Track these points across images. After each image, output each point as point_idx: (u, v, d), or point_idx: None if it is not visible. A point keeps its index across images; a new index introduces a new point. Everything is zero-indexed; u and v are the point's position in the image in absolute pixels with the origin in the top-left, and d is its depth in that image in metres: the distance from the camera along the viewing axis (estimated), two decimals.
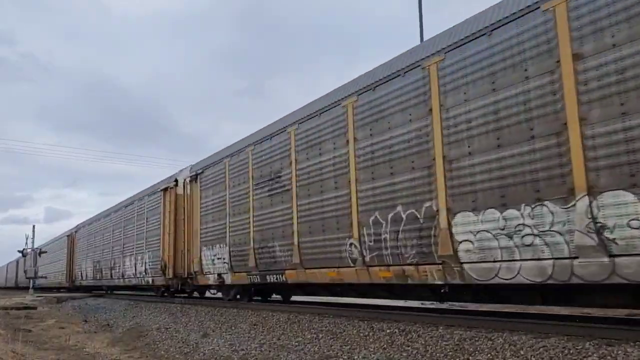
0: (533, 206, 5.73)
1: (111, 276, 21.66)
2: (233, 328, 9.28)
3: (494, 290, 6.98)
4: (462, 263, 6.49)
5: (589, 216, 5.20)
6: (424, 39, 12.57)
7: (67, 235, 30.97)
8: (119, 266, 20.52)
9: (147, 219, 17.73)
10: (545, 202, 5.61)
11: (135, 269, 18.59)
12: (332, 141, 8.84)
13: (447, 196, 6.70)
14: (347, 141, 8.50)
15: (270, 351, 7.21)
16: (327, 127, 9.02)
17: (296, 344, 7.32)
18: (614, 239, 5.01)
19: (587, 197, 5.23)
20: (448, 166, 6.71)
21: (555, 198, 5.53)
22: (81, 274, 27.16)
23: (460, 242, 6.51)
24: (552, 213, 5.55)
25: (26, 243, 43.55)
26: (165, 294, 17.56)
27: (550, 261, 5.56)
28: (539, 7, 5.85)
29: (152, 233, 17.10)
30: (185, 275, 14.54)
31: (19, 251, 41.82)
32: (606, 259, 5.07)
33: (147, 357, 8.13)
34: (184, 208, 14.75)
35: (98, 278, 23.84)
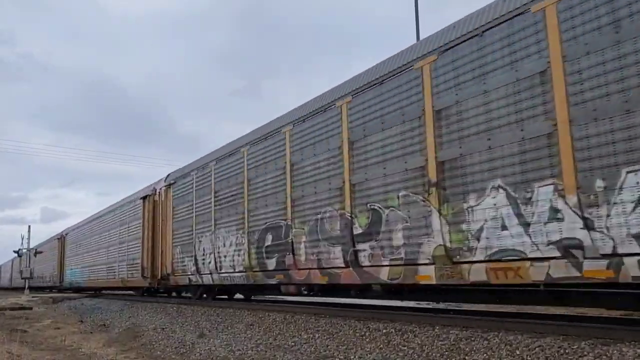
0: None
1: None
2: (229, 328, 9.27)
3: None
4: None
5: None
6: (420, 39, 12.61)
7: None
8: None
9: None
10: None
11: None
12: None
13: None
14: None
15: (266, 351, 7.21)
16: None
17: (292, 344, 7.32)
18: None
19: None
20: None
21: None
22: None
23: None
24: None
25: (22, 243, 43.33)
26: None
27: None
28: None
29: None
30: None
31: (14, 251, 41.72)
32: None
33: (144, 357, 8.12)
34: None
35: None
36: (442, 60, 6.79)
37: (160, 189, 16.24)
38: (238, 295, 14.67)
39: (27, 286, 34.61)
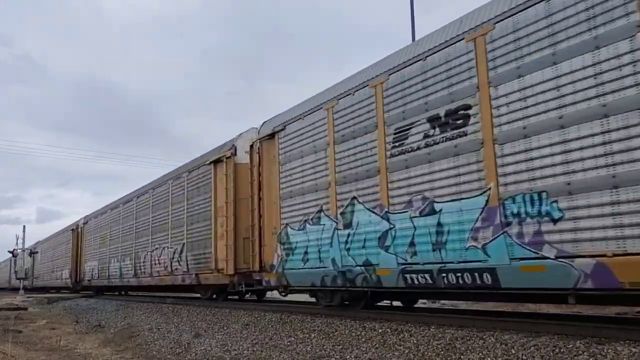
0: None
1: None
2: (225, 328, 9.26)
3: None
4: None
5: None
6: (415, 39, 12.62)
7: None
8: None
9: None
10: None
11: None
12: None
13: None
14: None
15: (262, 351, 7.20)
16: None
17: (288, 343, 7.31)
18: None
19: None
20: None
21: None
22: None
23: None
24: None
25: (16, 243, 43.19)
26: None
27: None
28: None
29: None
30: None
31: (9, 252, 41.52)
32: None
33: (139, 357, 8.10)
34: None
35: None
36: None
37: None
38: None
39: (22, 286, 34.45)
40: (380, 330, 6.90)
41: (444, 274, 6.58)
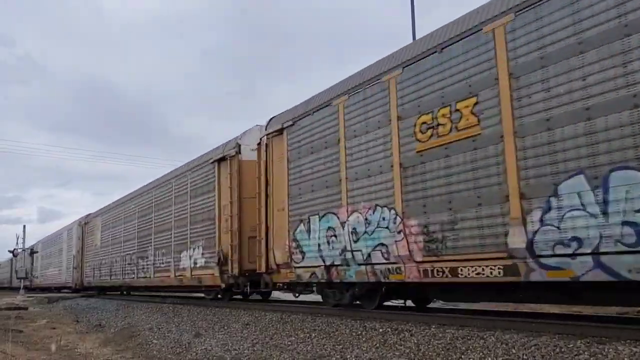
0: None
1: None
2: (226, 328, 9.25)
3: None
4: None
5: None
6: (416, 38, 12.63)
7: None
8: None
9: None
10: None
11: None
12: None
13: None
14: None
15: (262, 350, 7.20)
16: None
17: (289, 343, 7.31)
18: None
19: None
20: None
21: None
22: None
23: None
24: None
25: (17, 243, 43.20)
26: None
27: None
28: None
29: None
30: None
31: (9, 251, 41.55)
32: None
33: (139, 357, 8.09)
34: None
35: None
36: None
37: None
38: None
39: (22, 286, 34.44)
40: (380, 330, 6.90)
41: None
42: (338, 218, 8.75)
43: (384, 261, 7.80)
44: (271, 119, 11.15)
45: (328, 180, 9.03)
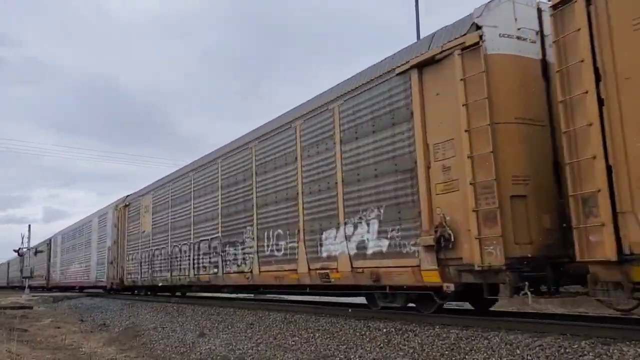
0: None
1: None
2: (230, 327, 9.27)
3: None
4: None
5: None
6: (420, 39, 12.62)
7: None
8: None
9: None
10: None
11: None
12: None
13: None
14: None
15: (266, 350, 7.21)
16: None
17: (293, 343, 7.32)
18: None
19: None
20: None
21: None
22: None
23: None
24: None
25: (22, 242, 43.35)
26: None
27: None
28: None
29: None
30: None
31: (14, 250, 41.70)
32: None
33: (144, 356, 8.12)
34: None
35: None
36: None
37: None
38: None
39: (27, 285, 34.49)
40: (384, 330, 6.90)
41: None
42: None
43: None
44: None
45: None
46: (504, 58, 6.61)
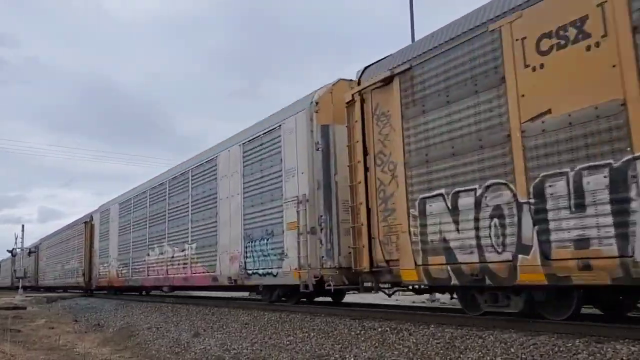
0: None
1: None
2: (224, 327, 9.26)
3: None
4: None
5: None
6: (415, 39, 12.64)
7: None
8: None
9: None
10: None
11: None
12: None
13: None
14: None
15: (261, 350, 7.20)
16: None
17: (288, 342, 7.31)
18: None
19: None
20: None
21: None
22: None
23: None
24: None
25: (15, 242, 43.12)
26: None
27: None
28: None
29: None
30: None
31: (8, 251, 41.46)
32: None
33: (138, 356, 8.10)
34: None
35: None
36: None
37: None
38: None
39: (20, 285, 34.33)
40: (379, 329, 6.91)
41: None
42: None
43: None
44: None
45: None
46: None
